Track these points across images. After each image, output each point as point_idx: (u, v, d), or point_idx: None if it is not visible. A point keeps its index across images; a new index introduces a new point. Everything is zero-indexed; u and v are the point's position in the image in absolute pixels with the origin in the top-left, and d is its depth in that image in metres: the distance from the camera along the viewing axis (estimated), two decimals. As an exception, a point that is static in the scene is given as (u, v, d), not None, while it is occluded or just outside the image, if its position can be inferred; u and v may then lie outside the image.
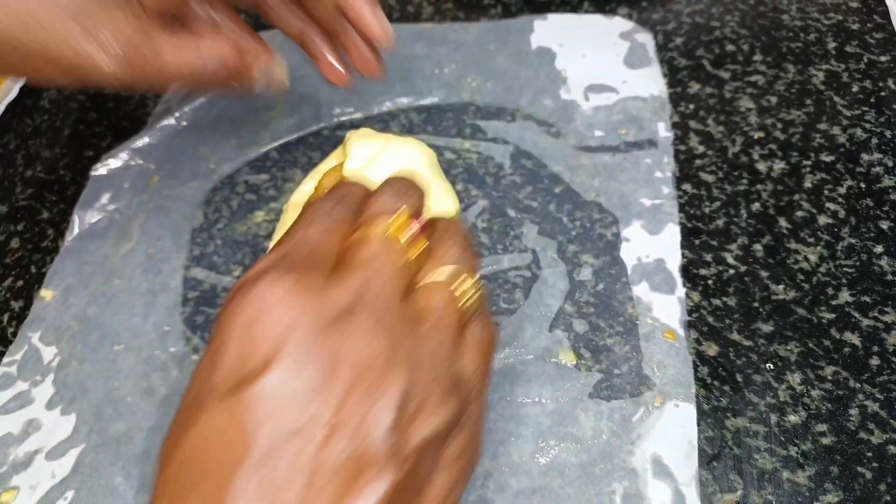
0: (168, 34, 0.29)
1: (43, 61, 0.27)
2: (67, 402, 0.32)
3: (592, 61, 0.42)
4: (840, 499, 0.27)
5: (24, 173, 0.42)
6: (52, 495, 0.29)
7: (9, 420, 0.31)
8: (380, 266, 0.22)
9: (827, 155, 0.37)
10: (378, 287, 0.21)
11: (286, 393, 0.18)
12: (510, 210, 0.36)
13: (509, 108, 0.41)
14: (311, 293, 0.20)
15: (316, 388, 0.19)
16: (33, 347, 0.34)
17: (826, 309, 0.31)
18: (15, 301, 0.36)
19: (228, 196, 0.39)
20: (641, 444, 0.28)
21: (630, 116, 0.39)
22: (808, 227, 0.34)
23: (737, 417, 0.29)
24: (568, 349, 0.31)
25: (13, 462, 0.30)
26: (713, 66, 0.42)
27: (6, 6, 0.26)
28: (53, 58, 0.27)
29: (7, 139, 0.43)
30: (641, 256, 0.34)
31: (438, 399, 0.20)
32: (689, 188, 0.36)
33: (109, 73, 0.27)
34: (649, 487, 0.27)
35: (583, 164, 0.37)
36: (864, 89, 0.40)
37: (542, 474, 0.28)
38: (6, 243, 0.38)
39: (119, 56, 0.27)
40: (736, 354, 0.30)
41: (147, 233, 0.37)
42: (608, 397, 0.30)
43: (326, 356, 0.19)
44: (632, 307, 0.32)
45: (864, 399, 0.29)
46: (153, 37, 0.28)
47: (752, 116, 0.39)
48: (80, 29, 0.27)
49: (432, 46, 0.44)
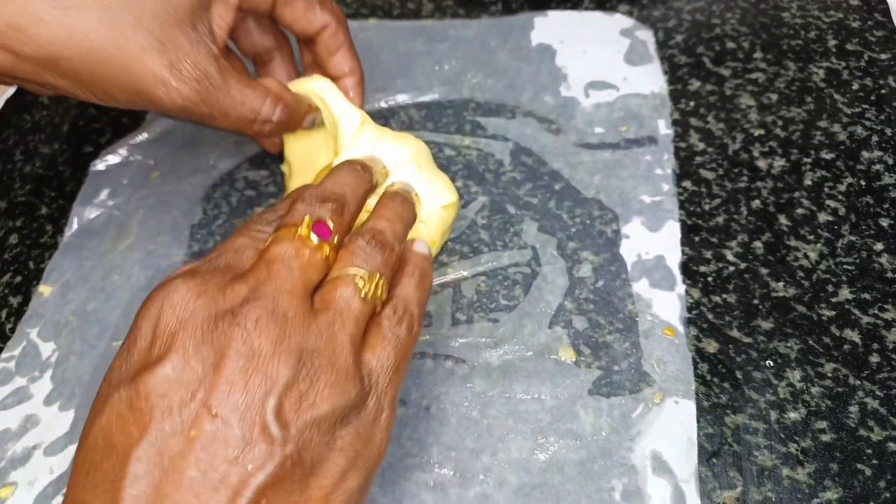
0: (239, 75, 0.29)
1: (116, 82, 0.27)
2: (66, 397, 0.32)
3: (593, 58, 0.42)
4: (840, 495, 0.27)
5: (22, 169, 0.41)
6: (51, 490, 0.29)
7: (7, 415, 0.31)
8: (282, 264, 0.23)
9: (827, 152, 0.37)
10: (277, 282, 0.22)
11: (175, 381, 0.20)
12: (510, 207, 0.36)
13: (509, 104, 0.40)
14: (211, 291, 0.22)
15: (203, 375, 0.20)
16: (32, 343, 0.34)
17: (826, 306, 0.31)
18: (13, 297, 0.36)
19: (228, 192, 0.39)
20: (641, 441, 0.28)
21: (630, 113, 0.39)
22: (808, 225, 0.34)
23: (736, 414, 0.29)
24: (567, 346, 0.31)
25: (11, 457, 0.30)
26: (714, 64, 0.42)
27: (97, 30, 0.26)
28: (131, 79, 0.27)
29: (6, 135, 0.43)
30: (641, 253, 0.34)
31: (326, 386, 0.21)
32: (690, 185, 0.36)
33: (179, 101, 0.27)
34: (649, 484, 0.27)
35: (583, 161, 0.37)
36: (864, 87, 0.40)
37: (542, 470, 0.28)
38: (5, 239, 0.38)
39: (193, 86, 0.27)
40: (736, 351, 0.30)
41: (146, 229, 0.37)
42: (608, 394, 0.30)
43: (213, 347, 0.21)
44: (631, 304, 0.32)
45: (864, 396, 0.29)
46: (226, 74, 0.28)
47: (753, 114, 0.39)
48: (163, 55, 0.27)
49: (433, 43, 0.44)
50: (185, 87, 0.27)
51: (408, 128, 0.40)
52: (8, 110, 0.44)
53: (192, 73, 0.27)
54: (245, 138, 0.41)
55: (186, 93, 0.27)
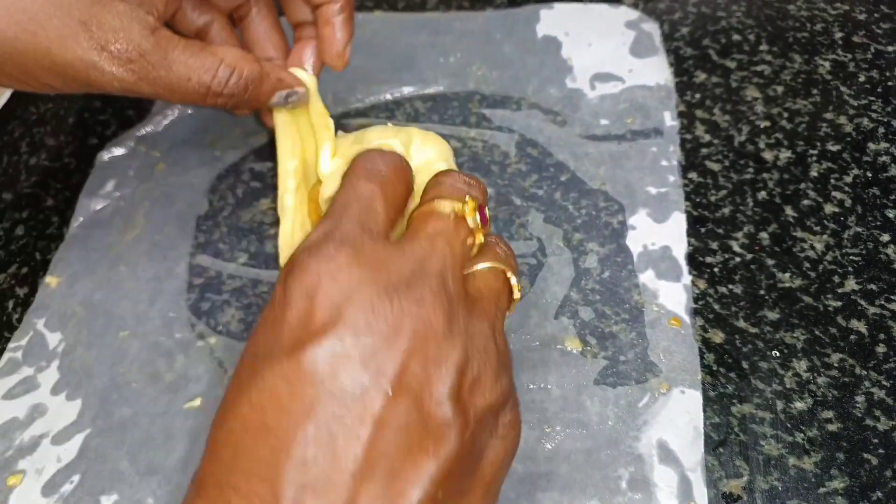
0: (184, 45, 0.26)
1: (44, 70, 0.25)
2: (73, 387, 0.32)
3: (598, 50, 0.42)
4: (846, 485, 0.27)
5: (28, 161, 0.42)
6: (58, 479, 0.29)
7: (15, 405, 0.31)
8: (446, 241, 0.22)
9: (833, 144, 0.37)
10: (441, 260, 0.21)
11: (345, 356, 0.18)
12: (516, 198, 0.36)
13: (515, 96, 0.40)
14: (372, 261, 0.20)
15: (375, 353, 0.18)
16: (39, 333, 0.34)
17: (832, 297, 0.31)
18: (20, 287, 0.36)
19: (234, 184, 0.39)
20: (647, 430, 0.28)
21: (636, 105, 0.39)
22: (814, 216, 0.34)
23: (743, 404, 0.29)
24: (574, 336, 0.31)
25: (19, 446, 0.30)
26: (719, 56, 0.42)
27: (8, 18, 0.24)
28: (57, 65, 0.25)
29: (12, 127, 0.43)
30: (647, 244, 0.34)
31: (493, 374, 0.20)
32: (696, 176, 0.36)
33: (116, 84, 0.26)
34: (655, 473, 0.27)
35: (589, 153, 0.37)
36: (870, 79, 0.40)
37: (548, 460, 0.28)
38: (11, 230, 0.38)
39: (128, 66, 0.25)
40: (742, 342, 0.30)
41: (152, 220, 0.37)
42: (614, 384, 0.30)
43: (387, 322, 0.19)
44: (638, 294, 0.32)
45: (871, 386, 0.29)
46: (166, 48, 0.26)
47: (759, 106, 0.39)
48: (87, 36, 0.24)
49: (438, 35, 0.44)
50: (118, 68, 0.25)
51: (413, 120, 0.40)
52: (13, 103, 0.44)
53: (124, 52, 0.25)
54: (250, 129, 0.41)
55: (121, 74, 0.25)
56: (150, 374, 0.32)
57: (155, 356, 0.32)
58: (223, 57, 0.27)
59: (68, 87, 0.26)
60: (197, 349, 0.32)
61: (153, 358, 0.32)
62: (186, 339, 0.33)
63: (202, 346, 0.32)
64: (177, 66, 0.26)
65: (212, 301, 0.34)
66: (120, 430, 0.30)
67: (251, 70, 0.27)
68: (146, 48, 0.25)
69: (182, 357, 0.32)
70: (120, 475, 0.29)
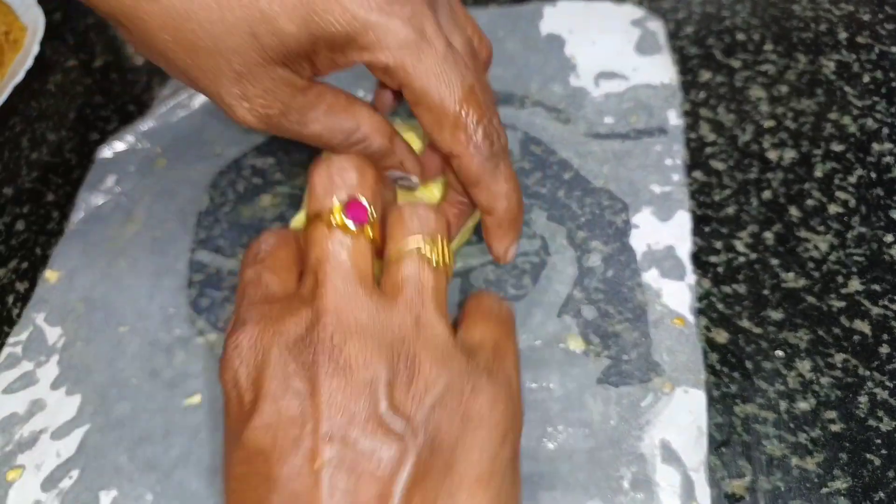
0: (329, 105, 0.25)
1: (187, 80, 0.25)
2: (72, 382, 0.31)
3: (602, 48, 0.42)
4: (849, 485, 0.26)
5: (29, 156, 0.41)
6: (58, 474, 0.29)
7: (14, 399, 0.31)
8: (329, 264, 0.21)
9: (837, 144, 0.37)
10: (332, 289, 0.21)
11: (277, 424, 0.20)
12: (518, 196, 0.36)
13: (518, 94, 0.40)
14: (273, 326, 0.21)
15: (302, 408, 0.20)
16: (38, 328, 0.33)
17: (836, 297, 0.31)
18: (20, 282, 0.36)
19: (234, 180, 0.39)
20: (650, 430, 0.28)
21: (640, 104, 0.39)
22: (818, 216, 0.34)
23: (746, 404, 0.29)
24: (577, 335, 0.31)
25: (18, 441, 0.30)
26: (724, 55, 0.41)
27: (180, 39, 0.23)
28: (196, 87, 0.25)
29: (13, 122, 0.43)
30: (651, 243, 0.34)
31: (434, 365, 0.20)
32: (700, 176, 0.36)
33: (245, 125, 0.25)
34: (658, 472, 0.27)
35: (592, 151, 0.37)
36: (875, 79, 0.39)
37: (551, 459, 0.28)
38: (12, 225, 0.38)
39: (263, 120, 0.24)
40: (746, 341, 0.30)
41: (153, 215, 0.37)
42: (617, 383, 0.29)
43: (303, 376, 0.20)
44: (641, 294, 0.32)
45: (874, 387, 0.29)
46: (310, 106, 0.25)
47: (763, 105, 0.39)
48: (238, 87, 0.24)
49: (441, 32, 0.44)
50: (252, 118, 0.24)
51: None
52: (15, 98, 0.44)
53: (265, 107, 0.24)
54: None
55: (253, 123, 0.25)
56: (149, 370, 0.31)
57: (154, 352, 0.32)
58: (361, 124, 0.26)
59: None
60: (196, 345, 0.32)
61: (153, 354, 0.32)
62: (186, 335, 0.32)
63: (202, 343, 0.32)
64: (314, 125, 0.25)
65: (212, 297, 0.34)
66: (119, 426, 0.30)
67: (380, 145, 0.26)
68: (291, 107, 0.24)
69: (182, 353, 0.32)
70: (119, 470, 0.29)
